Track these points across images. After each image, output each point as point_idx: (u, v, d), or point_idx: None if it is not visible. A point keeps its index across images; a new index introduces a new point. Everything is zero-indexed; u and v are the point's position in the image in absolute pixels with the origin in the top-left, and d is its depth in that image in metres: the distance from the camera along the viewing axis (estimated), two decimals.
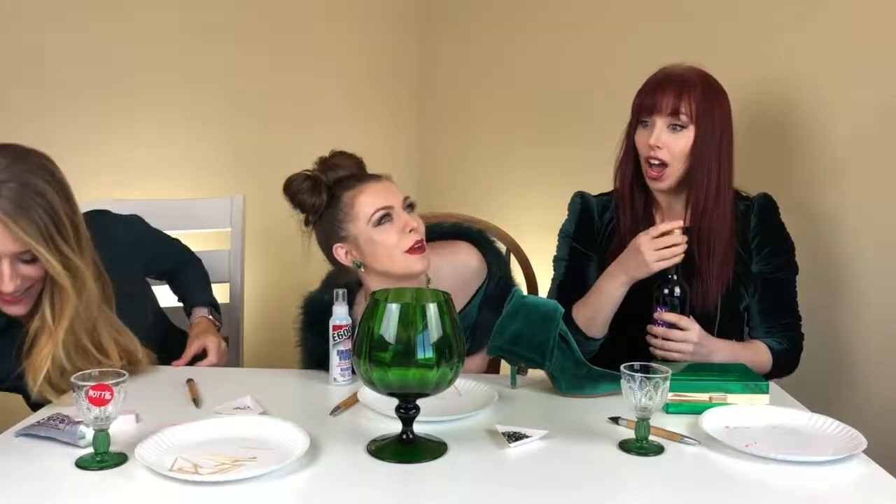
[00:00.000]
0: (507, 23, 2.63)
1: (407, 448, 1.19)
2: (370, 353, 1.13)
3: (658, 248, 1.54)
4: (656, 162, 1.63)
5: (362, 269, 1.61)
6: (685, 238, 1.55)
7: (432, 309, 1.13)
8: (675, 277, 1.57)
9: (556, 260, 1.83)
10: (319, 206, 1.60)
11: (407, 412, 1.19)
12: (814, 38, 1.91)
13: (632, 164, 1.71)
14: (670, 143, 1.62)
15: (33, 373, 1.38)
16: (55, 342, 1.39)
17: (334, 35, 2.67)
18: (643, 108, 1.64)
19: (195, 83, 2.27)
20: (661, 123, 1.62)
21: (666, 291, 1.57)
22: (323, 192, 1.59)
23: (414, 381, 1.14)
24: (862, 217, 1.86)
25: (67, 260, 1.37)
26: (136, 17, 2.19)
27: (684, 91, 1.61)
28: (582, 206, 1.80)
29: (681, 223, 1.55)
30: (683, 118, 1.61)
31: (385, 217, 1.56)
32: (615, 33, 2.35)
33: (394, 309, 1.12)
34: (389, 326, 1.12)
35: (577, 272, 1.78)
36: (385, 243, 1.56)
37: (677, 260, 1.54)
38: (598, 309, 1.64)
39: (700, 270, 1.65)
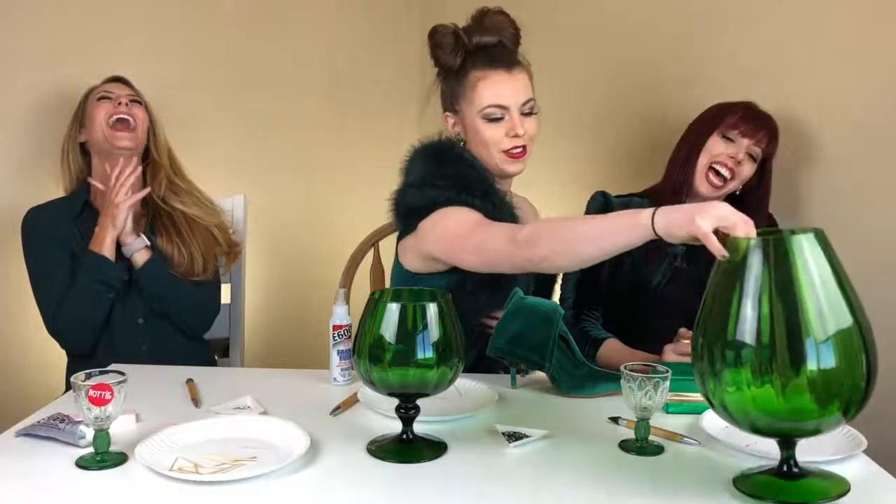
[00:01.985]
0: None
1: (407, 448, 1.19)
2: (370, 353, 1.13)
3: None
4: (727, 174, 1.75)
5: (462, 144, 1.63)
6: None
7: (432, 309, 1.13)
8: None
9: None
10: (451, 68, 1.61)
11: (407, 412, 1.19)
12: (814, 37, 1.91)
13: (693, 164, 1.79)
14: (745, 167, 1.76)
15: (171, 190, 1.89)
16: (164, 165, 1.90)
17: (335, 35, 2.67)
18: (737, 127, 1.75)
19: (194, 83, 2.28)
20: (746, 145, 1.75)
21: None
22: (459, 56, 1.59)
23: (414, 381, 1.14)
24: (863, 216, 1.85)
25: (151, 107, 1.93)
26: (132, 17, 2.19)
27: (775, 135, 1.78)
28: (605, 206, 1.82)
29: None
30: (760, 155, 1.77)
31: (496, 115, 1.57)
32: (615, 35, 2.35)
33: (394, 309, 1.12)
34: (389, 326, 1.12)
35: (593, 271, 1.79)
36: (487, 139, 1.58)
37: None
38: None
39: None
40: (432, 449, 1.19)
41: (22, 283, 1.83)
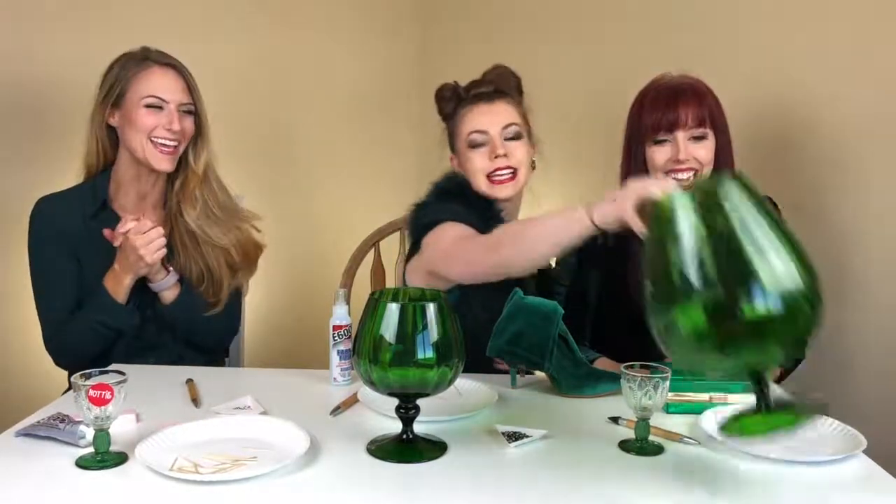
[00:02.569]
0: (508, 24, 2.63)
1: (407, 448, 1.19)
2: (370, 353, 1.13)
3: None
4: (684, 175, 1.63)
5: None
6: None
7: (432, 308, 1.13)
8: None
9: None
10: (446, 115, 1.74)
11: (407, 412, 1.19)
12: (814, 39, 1.91)
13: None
14: (697, 154, 1.62)
15: (191, 203, 1.71)
16: (198, 178, 1.71)
17: (334, 35, 2.67)
18: (661, 126, 1.62)
19: None
20: (683, 137, 1.61)
21: None
22: (451, 102, 1.72)
23: (414, 381, 1.14)
24: (863, 218, 1.85)
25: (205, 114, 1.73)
26: (133, 18, 2.19)
27: (703, 100, 1.62)
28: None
29: None
30: (705, 128, 1.62)
31: (478, 141, 1.66)
32: (616, 36, 2.35)
33: (394, 309, 1.12)
34: (389, 326, 1.12)
35: (579, 293, 1.76)
36: (473, 165, 1.67)
37: None
38: None
39: None
40: (432, 449, 1.19)
41: (22, 280, 1.81)
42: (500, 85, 1.72)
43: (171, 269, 1.70)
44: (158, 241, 1.60)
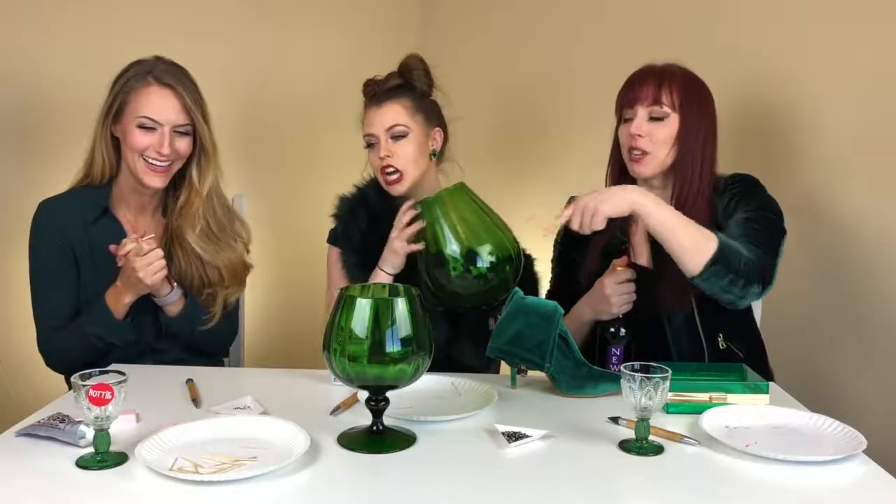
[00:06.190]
0: (507, 23, 2.63)
1: (376, 439, 1.22)
2: (341, 348, 1.17)
3: (622, 293, 1.60)
4: (638, 152, 1.64)
5: None
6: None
7: (401, 304, 1.16)
8: (621, 317, 1.62)
9: (551, 265, 1.85)
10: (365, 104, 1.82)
11: (377, 404, 1.22)
12: (814, 37, 1.91)
13: (618, 163, 1.73)
14: (653, 132, 1.63)
15: (191, 223, 1.70)
16: (201, 199, 1.70)
17: (335, 35, 2.67)
18: (625, 103, 1.66)
19: None
20: (642, 113, 1.63)
21: (612, 330, 1.61)
22: (365, 96, 1.81)
23: (389, 375, 1.17)
24: (864, 216, 1.85)
25: (211, 135, 1.70)
26: (133, 18, 2.19)
27: (664, 81, 1.63)
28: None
29: (626, 262, 1.64)
30: (665, 108, 1.62)
31: (370, 142, 1.78)
32: (615, 34, 2.35)
33: (363, 304, 1.16)
34: (360, 321, 1.15)
35: (566, 280, 1.77)
36: (371, 163, 1.80)
37: (631, 303, 1.62)
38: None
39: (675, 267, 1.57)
40: (400, 440, 1.22)
41: (23, 281, 1.81)
42: (408, 77, 1.77)
43: (175, 283, 1.69)
44: (157, 263, 1.59)
